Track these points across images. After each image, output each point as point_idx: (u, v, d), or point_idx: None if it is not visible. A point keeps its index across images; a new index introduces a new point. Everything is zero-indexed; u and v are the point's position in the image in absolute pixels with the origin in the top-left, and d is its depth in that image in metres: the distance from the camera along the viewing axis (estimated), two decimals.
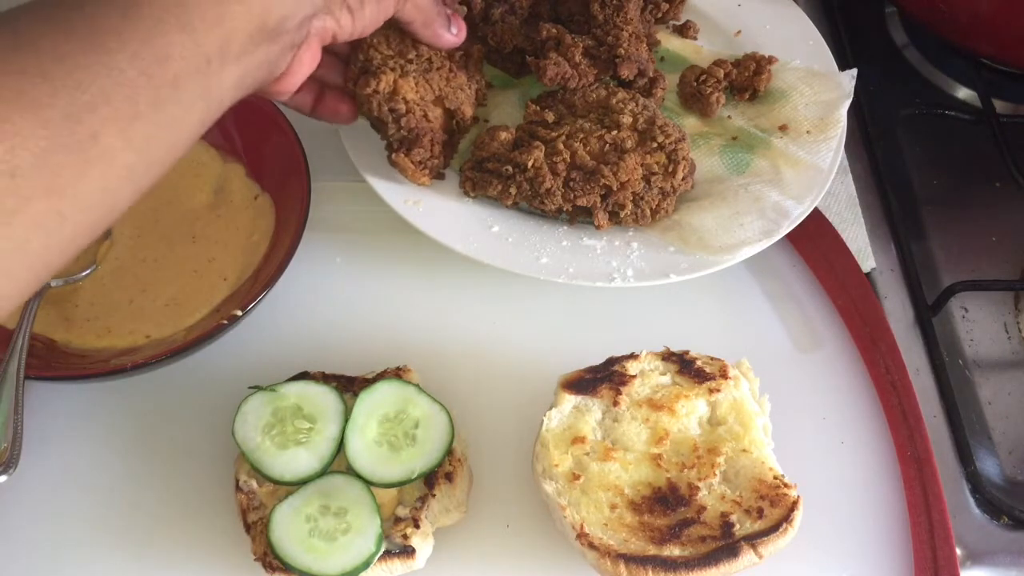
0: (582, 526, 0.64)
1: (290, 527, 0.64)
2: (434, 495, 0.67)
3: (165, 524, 0.71)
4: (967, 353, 0.87)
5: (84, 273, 0.79)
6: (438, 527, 0.68)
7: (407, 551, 0.65)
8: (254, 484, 0.68)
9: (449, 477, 0.68)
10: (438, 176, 0.82)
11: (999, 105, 1.01)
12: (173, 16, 0.52)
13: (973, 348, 0.88)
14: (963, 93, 1.08)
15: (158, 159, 0.54)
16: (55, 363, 0.73)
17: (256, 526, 0.66)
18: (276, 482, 0.67)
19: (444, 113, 0.81)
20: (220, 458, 0.73)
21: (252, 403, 0.69)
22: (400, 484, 0.67)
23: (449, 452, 0.68)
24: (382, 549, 0.64)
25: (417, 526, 0.66)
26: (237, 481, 0.68)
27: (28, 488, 0.72)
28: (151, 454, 0.74)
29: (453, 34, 0.77)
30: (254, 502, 0.67)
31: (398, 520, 0.66)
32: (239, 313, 0.73)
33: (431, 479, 0.67)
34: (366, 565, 0.63)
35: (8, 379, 0.67)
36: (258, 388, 0.70)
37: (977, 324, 0.89)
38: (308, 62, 0.66)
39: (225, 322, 0.72)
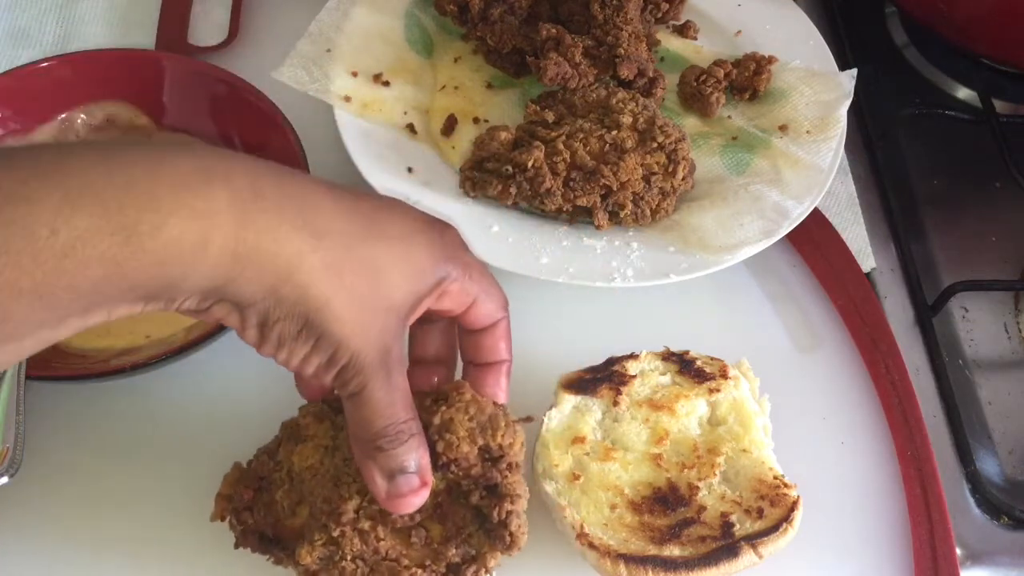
0: (582, 526, 0.64)
1: None
2: None
3: (167, 525, 0.71)
4: (967, 353, 0.87)
5: None
6: None
7: None
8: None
9: None
10: None
11: (999, 105, 1.01)
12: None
13: (973, 348, 0.88)
14: (963, 93, 1.07)
15: None
16: (55, 363, 0.73)
17: None
18: None
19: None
20: (223, 457, 0.72)
21: None
22: None
23: None
24: None
25: None
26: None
27: (27, 488, 0.72)
28: (153, 454, 0.74)
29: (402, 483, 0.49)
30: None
31: None
32: None
33: None
34: None
35: (8, 379, 0.67)
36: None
37: (977, 324, 0.89)
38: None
39: None
